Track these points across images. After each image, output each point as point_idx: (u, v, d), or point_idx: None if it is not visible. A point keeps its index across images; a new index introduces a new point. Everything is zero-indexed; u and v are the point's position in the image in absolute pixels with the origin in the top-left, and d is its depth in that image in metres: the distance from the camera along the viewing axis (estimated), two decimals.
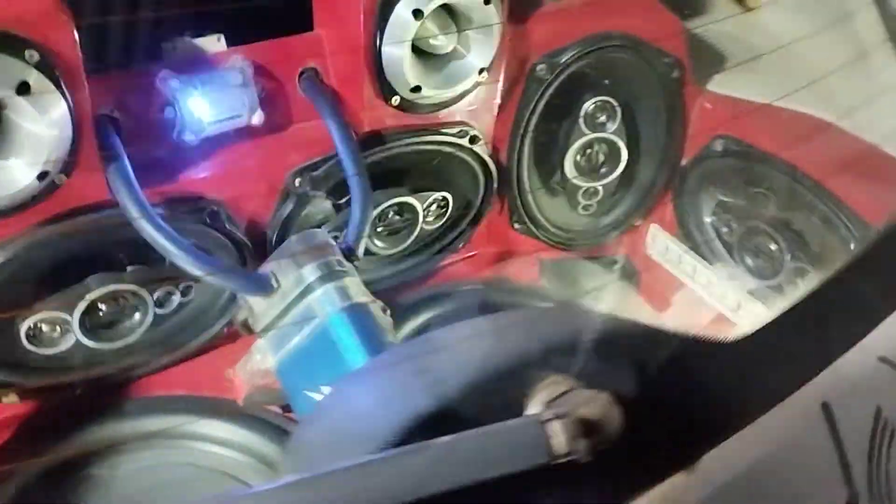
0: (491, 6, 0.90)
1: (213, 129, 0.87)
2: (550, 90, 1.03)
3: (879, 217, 0.90)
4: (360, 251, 0.85)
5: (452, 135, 1.00)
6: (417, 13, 0.86)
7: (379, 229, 1.02)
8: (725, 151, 1.03)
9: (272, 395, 0.87)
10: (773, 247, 1.01)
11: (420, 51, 0.91)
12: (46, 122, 0.73)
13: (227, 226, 0.89)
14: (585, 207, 1.13)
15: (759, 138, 1.00)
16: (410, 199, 1.01)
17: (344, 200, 0.97)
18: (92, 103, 0.79)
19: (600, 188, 1.12)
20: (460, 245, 1.13)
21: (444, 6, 0.88)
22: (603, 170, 1.11)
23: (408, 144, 0.97)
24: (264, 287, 0.78)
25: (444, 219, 1.08)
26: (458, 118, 1.01)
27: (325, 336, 0.76)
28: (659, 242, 1.16)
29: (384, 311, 0.84)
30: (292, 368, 0.79)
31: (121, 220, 0.78)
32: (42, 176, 0.74)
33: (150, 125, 0.85)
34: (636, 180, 1.14)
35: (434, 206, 1.05)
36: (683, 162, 1.11)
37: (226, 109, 0.88)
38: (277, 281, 0.79)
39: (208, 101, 0.87)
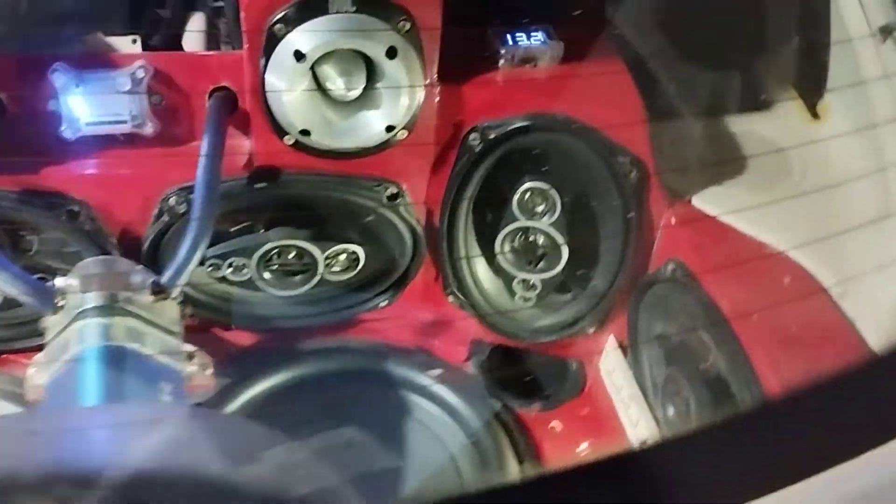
0: (397, 62, 0.81)
1: (90, 129, 0.85)
2: (485, 162, 0.91)
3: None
4: (175, 293, 0.79)
5: (368, 188, 0.92)
6: (299, 55, 0.79)
7: (272, 267, 0.95)
8: (673, 278, 0.86)
9: None
10: (686, 400, 0.83)
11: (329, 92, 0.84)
12: None
13: (86, 227, 0.87)
14: (524, 298, 1.00)
15: (708, 275, 0.82)
16: (306, 245, 0.94)
17: (233, 229, 0.93)
18: None
19: (538, 282, 0.98)
20: (382, 304, 1.03)
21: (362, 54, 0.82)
22: (541, 264, 0.97)
23: (308, 187, 0.91)
24: (46, 302, 0.75)
25: (355, 272, 0.99)
26: (379, 172, 0.93)
27: (72, 368, 0.72)
28: (609, 360, 1.00)
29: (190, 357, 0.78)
30: (51, 389, 0.75)
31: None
32: None
33: (35, 114, 0.85)
34: (586, 285, 0.99)
35: (341, 257, 0.97)
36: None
37: (106, 112, 0.86)
38: (64, 298, 0.75)
39: (88, 101, 0.85)
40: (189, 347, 0.82)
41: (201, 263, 0.93)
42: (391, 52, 0.81)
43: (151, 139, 0.88)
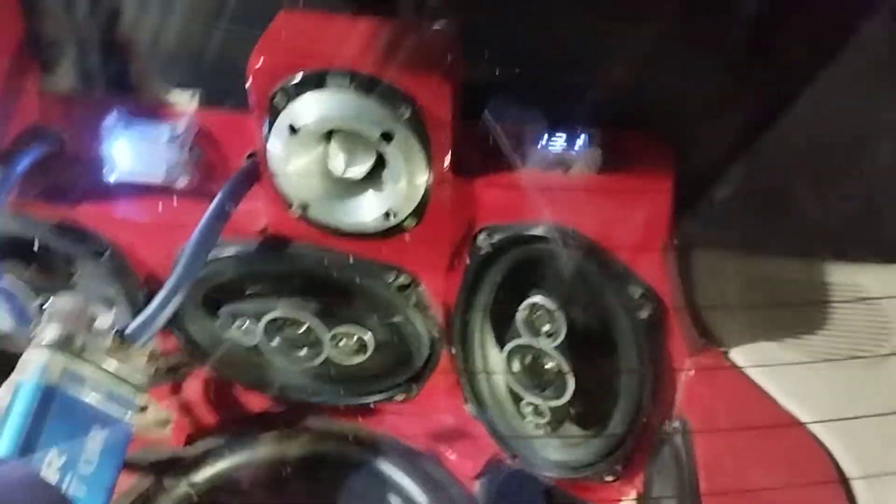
0: (393, 148, 0.77)
1: (125, 176, 0.90)
2: (494, 267, 0.84)
3: None
4: (140, 343, 0.79)
5: (377, 274, 0.88)
6: (293, 129, 0.78)
7: (279, 335, 0.93)
8: (672, 440, 0.71)
9: None
10: None
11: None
12: None
13: (111, 267, 0.91)
14: (535, 424, 0.88)
15: (705, 443, 0.66)
16: (312, 321, 0.91)
17: (248, 291, 0.93)
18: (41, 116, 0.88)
19: (546, 409, 0.86)
20: (399, 397, 0.98)
21: None
22: (548, 390, 0.86)
23: (317, 262, 0.88)
24: (17, 327, 0.78)
25: (364, 358, 0.94)
26: (391, 259, 0.88)
27: (6, 399, 0.74)
28: None
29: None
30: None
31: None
32: None
33: (86, 153, 0.91)
34: (602, 424, 0.85)
35: (349, 340, 0.93)
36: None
37: (142, 161, 0.90)
38: (37, 325, 0.78)
39: (130, 148, 0.89)
40: (143, 399, 0.83)
41: (215, 318, 0.95)
42: (386, 137, 0.77)
43: (185, 191, 0.92)
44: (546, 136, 0.83)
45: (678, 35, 0.83)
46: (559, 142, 0.83)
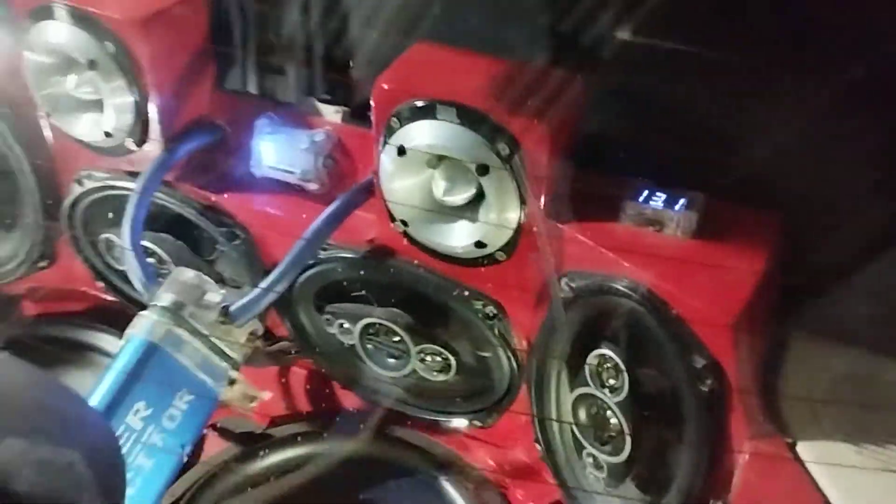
0: (487, 180, 0.81)
1: (267, 171, 0.99)
2: (572, 313, 0.83)
3: None
4: (240, 321, 0.87)
5: (466, 299, 0.91)
6: (401, 150, 0.83)
7: (373, 341, 0.99)
8: None
9: None
10: None
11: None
12: None
13: (243, 250, 1.01)
14: (594, 477, 0.87)
15: None
16: (402, 333, 0.96)
17: (352, 293, 0.99)
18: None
19: (604, 463, 0.84)
20: (477, 423, 1.00)
21: None
22: (608, 445, 0.84)
23: (413, 277, 0.93)
24: (144, 287, 0.88)
25: (447, 377, 0.98)
26: (482, 288, 0.90)
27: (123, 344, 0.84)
28: None
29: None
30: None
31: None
32: None
33: (240, 147, 1.01)
34: (657, 491, 0.82)
35: (434, 358, 0.97)
36: None
37: (282, 162, 0.99)
38: (156, 290, 0.89)
39: (274, 148, 0.99)
40: (234, 373, 0.91)
41: (321, 314, 1.02)
42: (482, 170, 0.81)
43: (315, 194, 1.01)
44: (647, 192, 0.83)
45: (823, 127, 0.80)
46: (659, 201, 0.83)
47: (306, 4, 1.03)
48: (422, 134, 0.83)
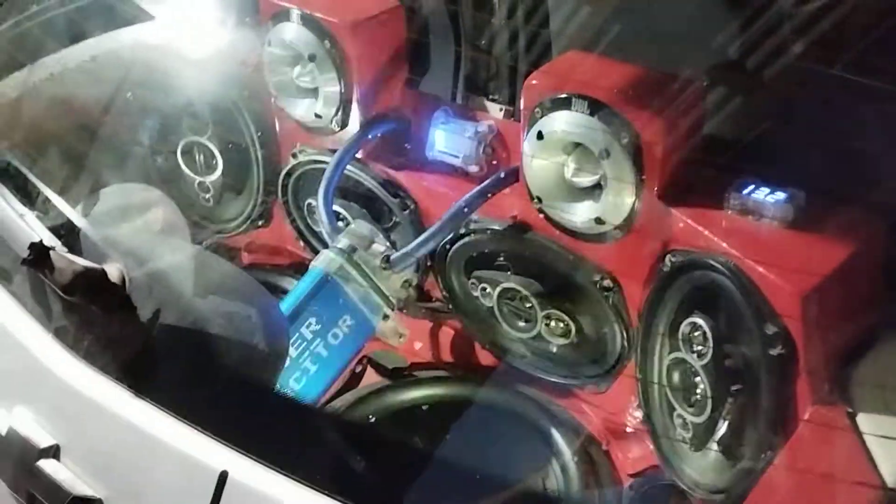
0: (608, 163, 0.95)
1: (438, 155, 1.18)
2: (674, 286, 0.95)
3: None
4: (398, 268, 1.06)
5: (587, 272, 1.05)
6: (540, 135, 0.99)
7: (508, 304, 1.14)
8: None
9: None
10: None
11: None
12: None
13: (410, 219, 1.20)
14: (682, 438, 0.95)
15: None
16: (532, 298, 1.10)
17: (495, 262, 1.15)
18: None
19: (691, 424, 0.93)
20: (591, 387, 1.12)
21: None
22: (694, 407, 0.93)
23: (544, 250, 1.08)
24: (329, 233, 1.09)
25: (567, 342, 1.11)
26: (601, 262, 1.04)
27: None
28: None
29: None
30: None
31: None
32: None
33: (420, 134, 1.21)
34: (736, 455, 0.89)
35: (558, 323, 1.10)
36: None
37: (449, 147, 1.18)
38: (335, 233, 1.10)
39: (444, 135, 1.18)
40: (388, 311, 1.09)
41: (468, 278, 1.18)
42: (604, 154, 0.94)
43: (475, 176, 1.18)
44: (753, 186, 0.93)
45: None
46: (762, 194, 0.93)
47: (487, 22, 1.23)
48: (558, 122, 0.99)
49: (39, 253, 0.74)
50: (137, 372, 0.73)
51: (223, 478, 0.66)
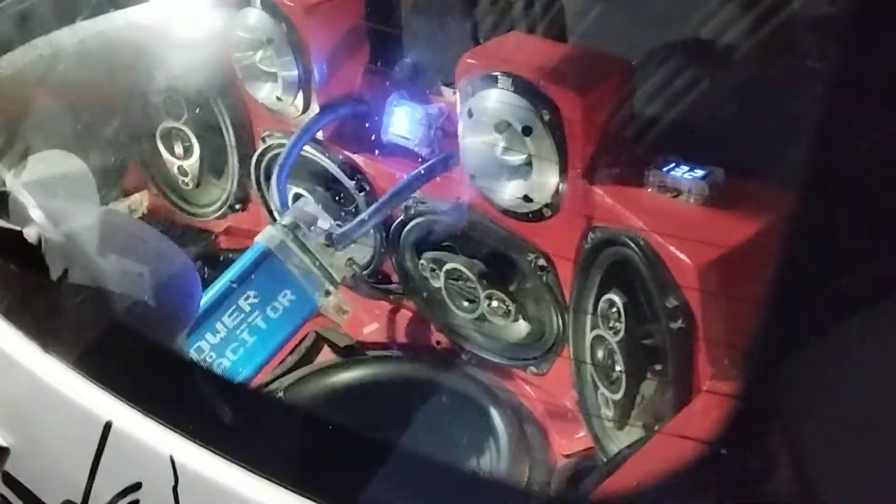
0: (530, 141, 0.97)
1: (392, 137, 1.20)
2: (596, 263, 0.96)
3: None
4: (340, 245, 1.08)
5: (523, 251, 1.06)
6: (470, 113, 1.00)
7: (453, 284, 1.16)
8: None
9: None
10: None
11: None
12: None
13: (366, 198, 1.22)
14: (606, 417, 0.95)
15: None
16: (473, 279, 1.11)
17: (442, 243, 1.17)
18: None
19: (611, 402, 0.93)
20: (532, 369, 1.13)
21: None
22: (613, 385, 0.93)
23: (484, 230, 1.09)
24: (278, 211, 1.12)
25: (508, 323, 1.12)
26: (536, 242, 1.04)
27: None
28: None
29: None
30: None
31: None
32: None
33: (376, 115, 1.23)
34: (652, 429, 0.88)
35: (499, 304, 1.11)
36: None
37: (401, 129, 1.19)
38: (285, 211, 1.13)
39: (397, 117, 1.20)
40: (330, 288, 1.12)
41: (419, 259, 1.20)
42: (526, 131, 0.95)
43: (427, 159, 1.20)
44: (673, 164, 0.94)
45: None
46: (680, 172, 0.93)
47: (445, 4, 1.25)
48: (486, 99, 1.01)
49: None
50: (46, 328, 0.77)
51: (108, 427, 0.69)
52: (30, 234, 0.79)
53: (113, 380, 0.72)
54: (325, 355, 1.29)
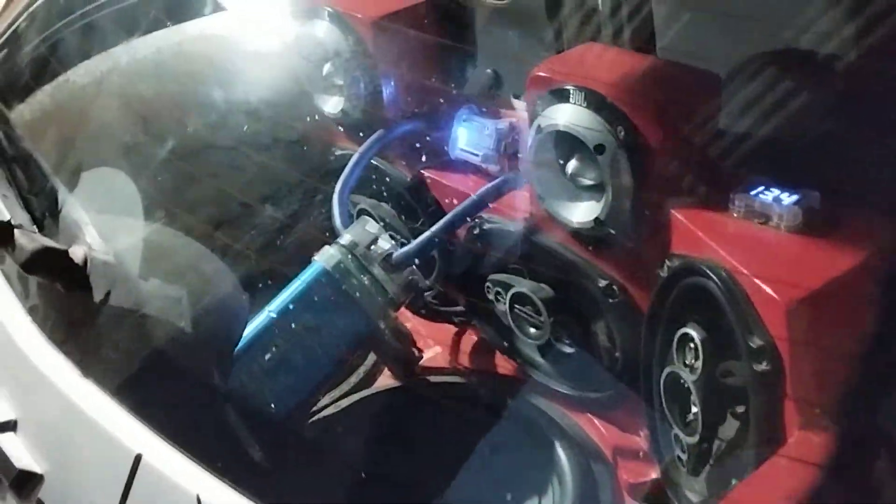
0: (603, 160, 0.89)
1: (459, 153, 1.15)
2: (672, 293, 0.87)
3: None
4: (400, 267, 1.04)
5: (591, 276, 0.98)
6: (538, 129, 0.94)
7: (520, 310, 1.07)
8: None
9: None
10: None
11: None
12: None
13: (430, 214, 1.17)
14: (679, 458, 0.86)
15: None
16: (540, 305, 1.03)
17: (509, 265, 1.10)
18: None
19: (686, 445, 0.84)
20: (600, 402, 1.05)
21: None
22: (688, 427, 0.84)
23: (552, 253, 1.01)
24: (338, 228, 1.07)
25: (576, 352, 1.04)
26: (607, 267, 0.97)
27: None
28: None
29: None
30: None
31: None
32: None
33: (439, 132, 1.18)
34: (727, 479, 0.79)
35: (563, 330, 1.04)
36: None
37: (469, 144, 1.14)
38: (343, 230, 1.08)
39: (466, 133, 1.15)
40: (390, 309, 1.06)
41: (479, 283, 1.14)
42: (599, 149, 0.88)
43: (495, 176, 1.13)
44: (762, 187, 0.85)
45: None
46: (770, 195, 0.84)
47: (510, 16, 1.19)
48: (556, 115, 0.94)
49: (4, 231, 0.77)
50: (85, 352, 0.74)
51: (137, 460, 0.66)
52: (75, 253, 0.77)
53: (146, 410, 0.68)
54: (384, 379, 1.25)
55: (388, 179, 1.26)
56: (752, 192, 0.85)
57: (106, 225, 0.81)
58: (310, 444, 0.99)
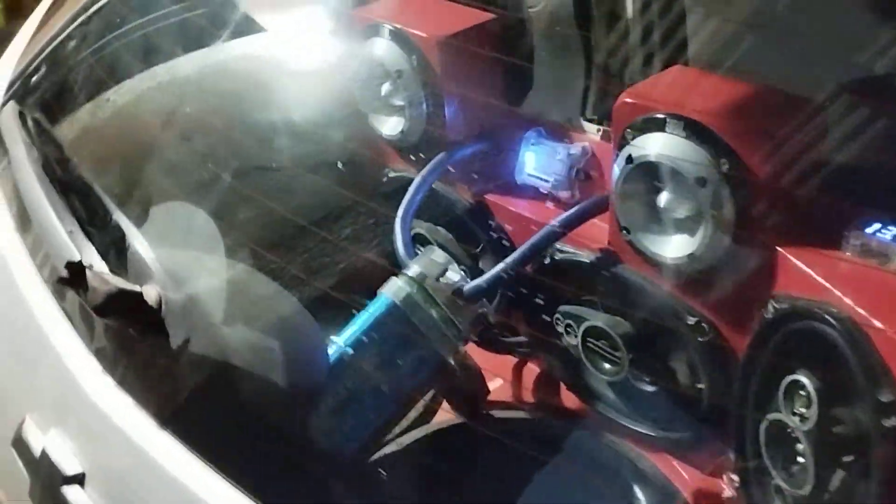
0: (704, 193, 0.84)
1: (526, 178, 1.10)
2: (775, 336, 0.81)
3: None
4: (471, 300, 0.99)
5: (679, 311, 0.93)
6: (629, 159, 0.90)
7: (594, 344, 1.01)
8: None
9: None
10: None
11: None
12: None
13: (494, 241, 1.12)
14: None
15: None
16: (617, 340, 0.98)
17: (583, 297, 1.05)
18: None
19: (789, 497, 0.79)
20: (682, 444, 0.99)
21: None
22: (795, 478, 0.78)
23: (633, 286, 0.96)
24: (402, 257, 1.02)
25: (657, 391, 0.99)
26: (697, 304, 0.91)
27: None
28: None
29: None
30: None
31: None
32: None
33: (508, 155, 1.13)
34: None
35: (641, 367, 0.99)
36: None
37: (538, 169, 1.09)
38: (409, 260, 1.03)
39: (534, 157, 1.10)
40: (458, 344, 1.01)
41: (552, 314, 1.08)
42: (700, 182, 0.83)
43: (565, 203, 1.09)
44: (880, 224, 0.80)
45: None
46: (889, 234, 0.79)
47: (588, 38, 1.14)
48: (649, 145, 0.89)
49: (75, 271, 0.72)
50: (163, 402, 0.69)
51: None
52: (149, 294, 0.71)
53: (231, 467, 0.63)
54: (442, 414, 1.20)
55: (445, 203, 1.22)
56: (868, 230, 0.80)
57: (173, 261, 0.76)
58: (375, 485, 0.93)
